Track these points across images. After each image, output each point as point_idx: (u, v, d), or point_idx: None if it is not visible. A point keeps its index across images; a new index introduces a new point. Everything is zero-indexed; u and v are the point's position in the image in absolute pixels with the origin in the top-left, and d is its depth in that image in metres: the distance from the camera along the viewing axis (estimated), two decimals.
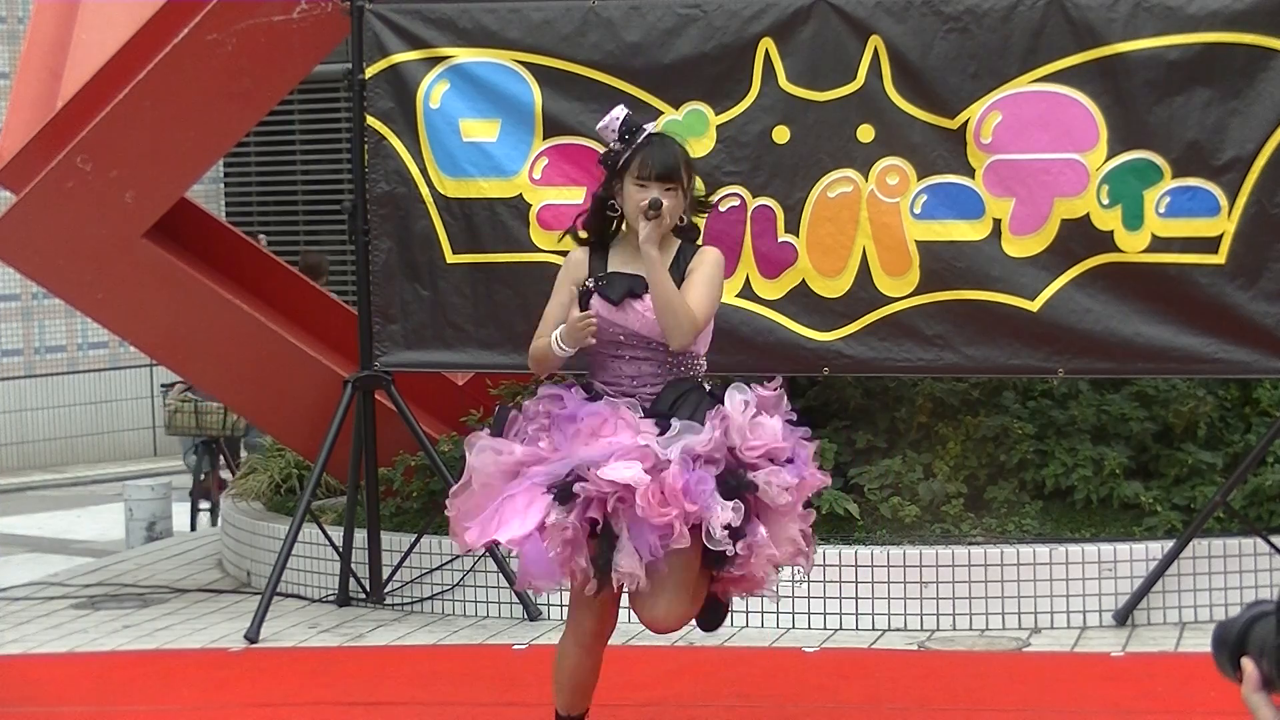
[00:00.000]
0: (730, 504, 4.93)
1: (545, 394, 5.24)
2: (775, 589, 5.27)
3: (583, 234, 5.34)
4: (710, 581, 5.13)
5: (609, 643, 5.39)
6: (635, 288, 5.16)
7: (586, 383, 5.26)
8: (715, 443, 5.00)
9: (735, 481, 4.99)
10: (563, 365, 5.43)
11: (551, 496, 4.97)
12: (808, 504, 5.23)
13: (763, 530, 5.02)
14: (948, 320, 7.37)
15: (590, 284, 5.22)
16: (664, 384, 5.16)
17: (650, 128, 5.27)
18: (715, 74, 7.47)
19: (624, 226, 5.28)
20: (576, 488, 4.93)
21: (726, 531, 4.92)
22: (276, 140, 17.74)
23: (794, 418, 5.20)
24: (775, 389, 5.18)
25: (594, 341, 5.13)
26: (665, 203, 5.12)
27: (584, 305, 5.20)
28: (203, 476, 11.50)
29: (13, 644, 7.69)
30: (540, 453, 5.09)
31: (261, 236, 13.00)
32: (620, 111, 5.28)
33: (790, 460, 5.11)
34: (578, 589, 5.11)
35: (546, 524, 4.96)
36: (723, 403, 5.12)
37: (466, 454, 5.23)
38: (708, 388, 5.23)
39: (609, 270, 5.25)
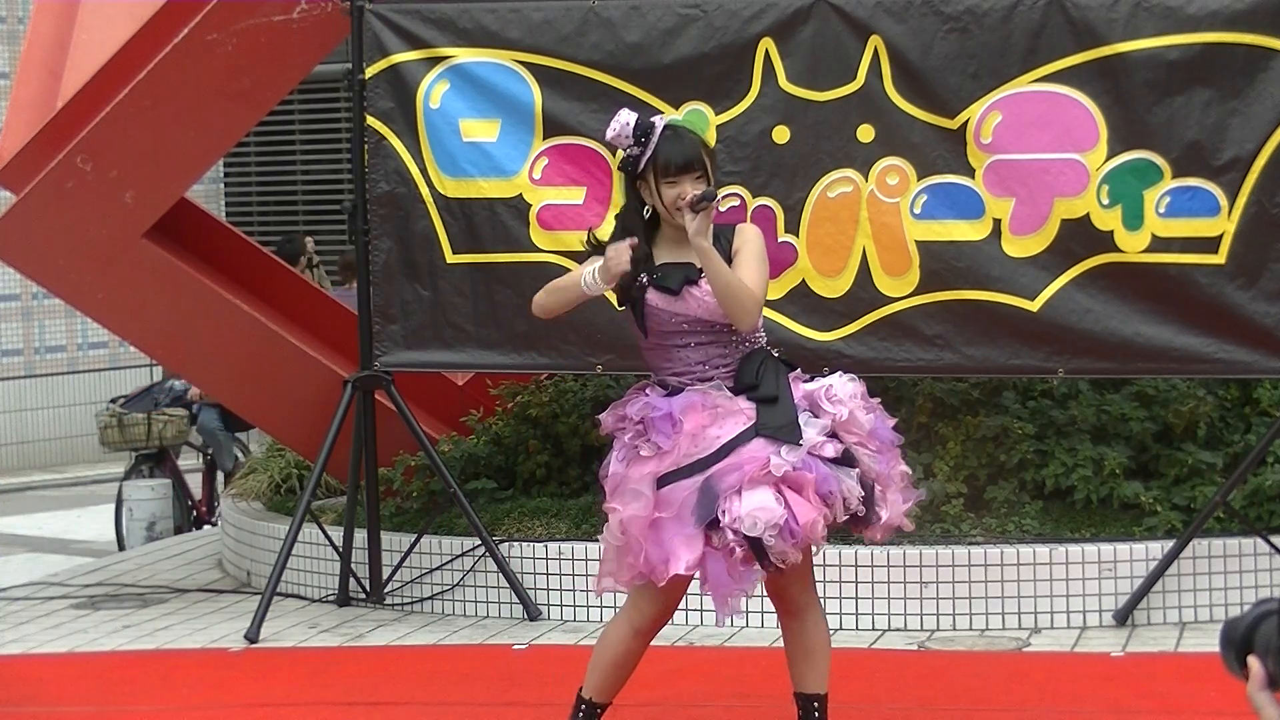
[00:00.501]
0: (854, 473, 5.13)
1: (627, 399, 5.28)
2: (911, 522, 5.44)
3: (600, 239, 5.43)
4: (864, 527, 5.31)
5: None
6: (690, 275, 5.23)
7: (659, 380, 5.31)
8: (827, 425, 5.16)
9: (847, 456, 5.16)
10: (573, 307, 5.49)
11: (702, 527, 5.06)
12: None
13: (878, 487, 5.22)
14: (948, 320, 7.37)
15: (644, 280, 5.27)
16: (733, 362, 5.25)
17: (660, 123, 5.30)
18: (715, 74, 7.47)
19: (661, 225, 5.32)
20: (724, 523, 5.02)
21: (859, 496, 5.13)
22: (276, 140, 17.74)
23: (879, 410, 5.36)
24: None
25: (626, 269, 5.18)
26: (712, 190, 5.19)
27: (639, 302, 5.28)
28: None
29: (13, 644, 7.69)
30: (650, 464, 5.13)
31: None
32: (628, 116, 5.29)
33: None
34: (646, 582, 5.15)
35: (715, 547, 5.07)
36: (793, 368, 5.31)
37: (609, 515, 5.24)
38: (775, 353, 5.35)
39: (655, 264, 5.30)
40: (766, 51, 7.42)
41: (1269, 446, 7.43)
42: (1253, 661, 2.40)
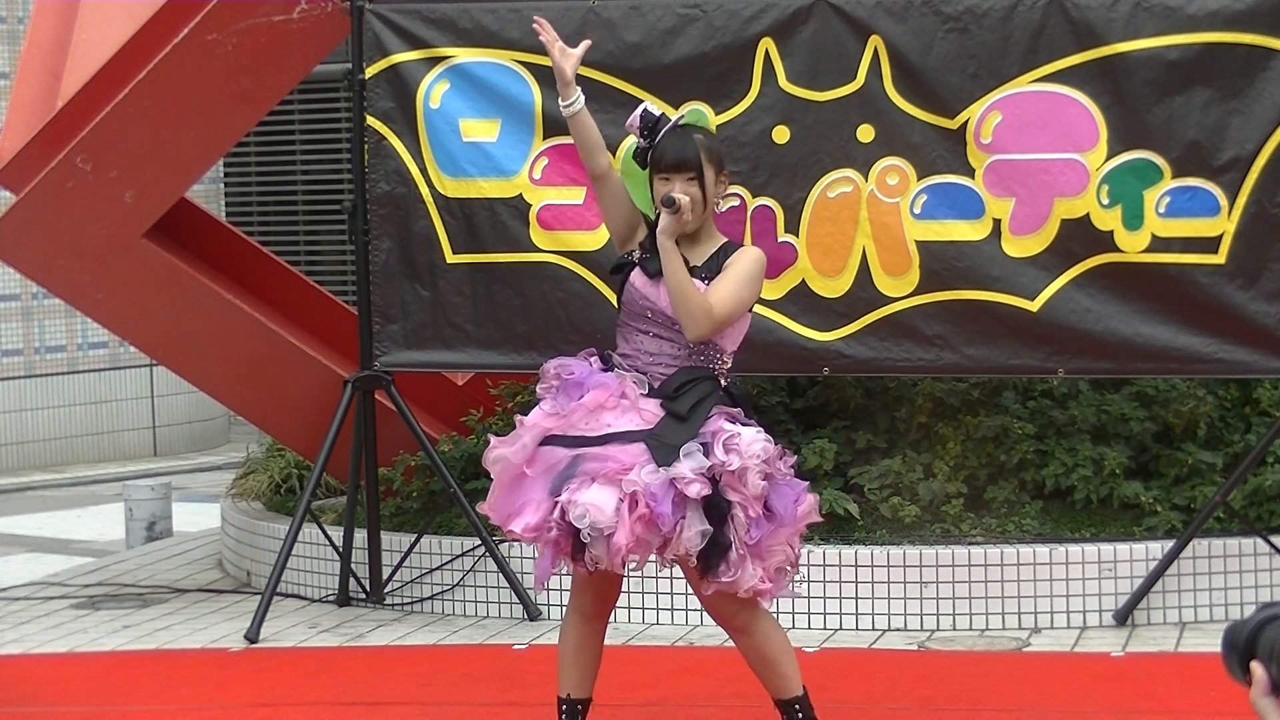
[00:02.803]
0: (702, 526, 5.02)
1: (559, 360, 5.34)
2: (788, 590, 5.34)
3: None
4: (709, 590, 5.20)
5: (610, 643, 5.41)
6: None
7: (605, 354, 5.34)
8: (712, 468, 5.05)
9: (715, 506, 5.05)
10: (578, 137, 5.48)
11: (552, 500, 5.09)
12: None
13: (735, 549, 5.07)
14: (948, 320, 7.37)
15: (634, 256, 5.33)
16: (676, 368, 5.24)
17: (671, 119, 5.34)
18: (715, 74, 7.47)
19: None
20: (561, 499, 5.04)
21: (699, 548, 5.03)
22: (276, 140, 17.73)
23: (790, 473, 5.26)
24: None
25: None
26: (683, 199, 5.18)
27: (625, 275, 5.33)
28: None
29: (13, 644, 7.69)
30: (544, 422, 5.18)
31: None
32: (644, 108, 5.37)
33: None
34: (577, 570, 5.22)
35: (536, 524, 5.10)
36: (736, 404, 5.22)
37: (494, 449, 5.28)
38: (723, 383, 5.28)
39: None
40: (766, 51, 7.42)
41: (1269, 446, 7.43)
42: (1255, 667, 2.39)
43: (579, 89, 5.43)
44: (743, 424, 5.17)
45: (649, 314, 5.27)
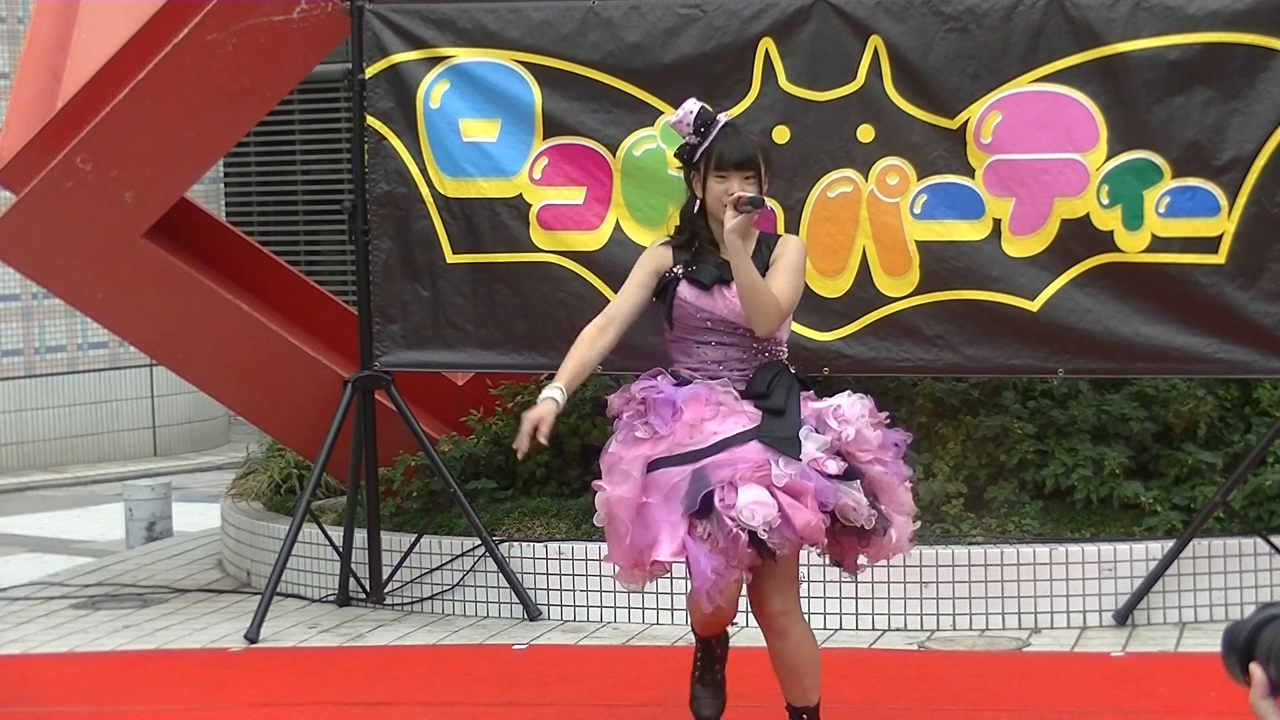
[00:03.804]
0: (855, 484, 5.08)
1: (642, 384, 5.28)
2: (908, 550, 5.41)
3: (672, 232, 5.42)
4: (852, 553, 5.27)
5: (610, 643, 5.42)
6: (725, 274, 5.24)
7: (673, 371, 5.32)
8: (831, 443, 5.12)
9: (853, 476, 5.12)
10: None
11: (689, 515, 5.03)
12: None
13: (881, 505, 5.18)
14: (948, 320, 7.37)
15: (679, 271, 5.31)
16: (749, 369, 5.26)
17: (723, 118, 5.33)
18: (715, 74, 7.47)
19: (709, 220, 5.33)
20: (719, 509, 4.99)
21: (865, 508, 5.08)
22: (276, 140, 17.73)
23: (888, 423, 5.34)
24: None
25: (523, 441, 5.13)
26: (748, 195, 5.19)
27: (670, 292, 5.29)
28: None
29: (13, 644, 7.69)
30: (643, 447, 5.13)
31: None
32: (693, 105, 5.34)
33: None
34: (696, 593, 5.14)
35: (696, 535, 5.03)
36: (806, 387, 5.30)
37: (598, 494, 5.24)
38: (792, 370, 5.33)
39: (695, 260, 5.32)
40: (766, 51, 7.42)
41: (1269, 446, 7.43)
42: (1254, 668, 2.38)
43: (556, 401, 5.21)
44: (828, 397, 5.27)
45: (709, 324, 5.28)
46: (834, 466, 5.07)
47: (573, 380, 5.26)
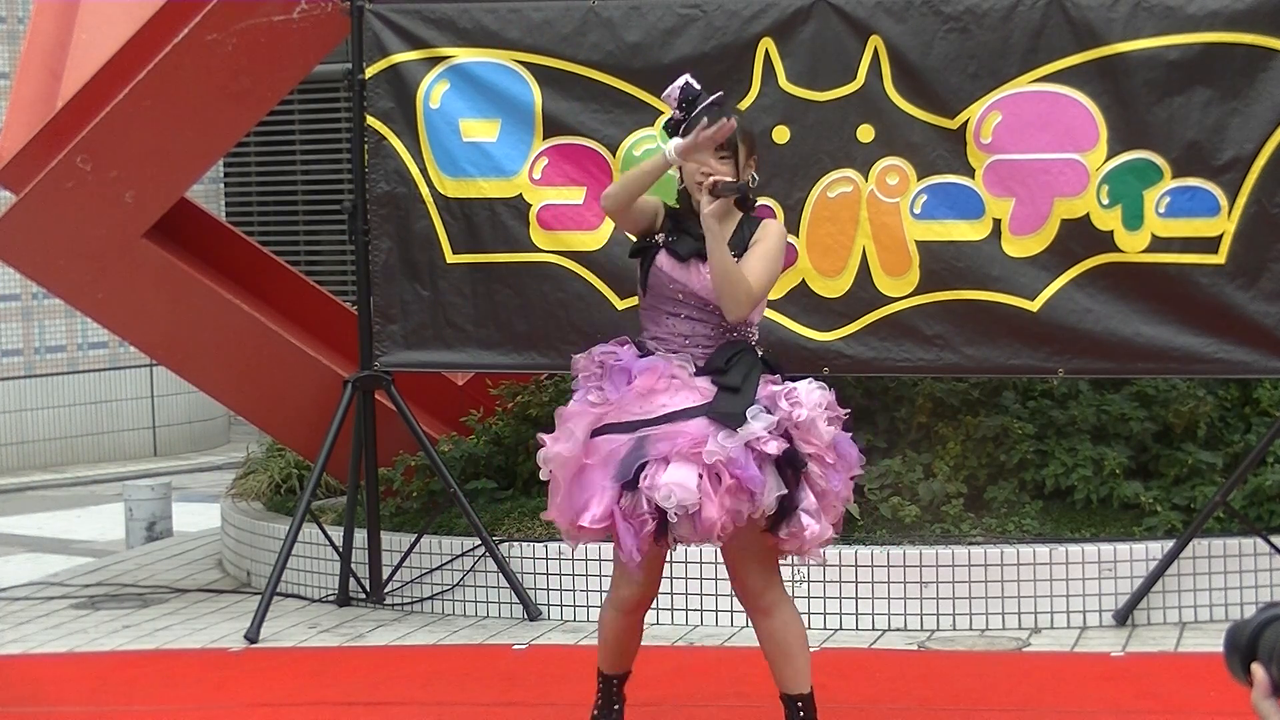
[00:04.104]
0: (779, 488, 5.06)
1: (602, 347, 5.34)
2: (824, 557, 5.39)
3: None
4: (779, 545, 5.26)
5: None
6: (703, 249, 5.24)
7: (639, 341, 5.35)
8: (780, 423, 5.10)
9: (792, 461, 5.10)
10: (648, 187, 5.29)
11: (618, 485, 5.07)
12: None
13: (812, 499, 5.14)
14: (948, 320, 7.37)
15: (660, 239, 5.33)
16: (715, 346, 5.27)
17: (711, 96, 5.36)
18: (715, 74, 7.45)
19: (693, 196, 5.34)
20: (642, 486, 5.02)
21: (770, 512, 5.07)
22: (276, 140, 17.73)
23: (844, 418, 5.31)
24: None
25: (718, 141, 5.18)
26: (730, 182, 5.20)
27: (649, 259, 5.31)
28: None
29: (13, 644, 7.69)
30: (593, 410, 5.17)
31: None
32: (685, 80, 5.40)
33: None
34: (621, 561, 5.20)
35: (621, 508, 5.06)
36: (774, 371, 5.28)
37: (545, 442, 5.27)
38: (760, 352, 5.34)
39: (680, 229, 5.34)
40: (766, 51, 7.42)
41: (1269, 446, 7.43)
42: (1256, 668, 2.38)
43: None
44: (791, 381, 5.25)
45: (680, 296, 5.29)
46: (774, 447, 5.04)
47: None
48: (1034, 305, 7.30)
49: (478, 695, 6.55)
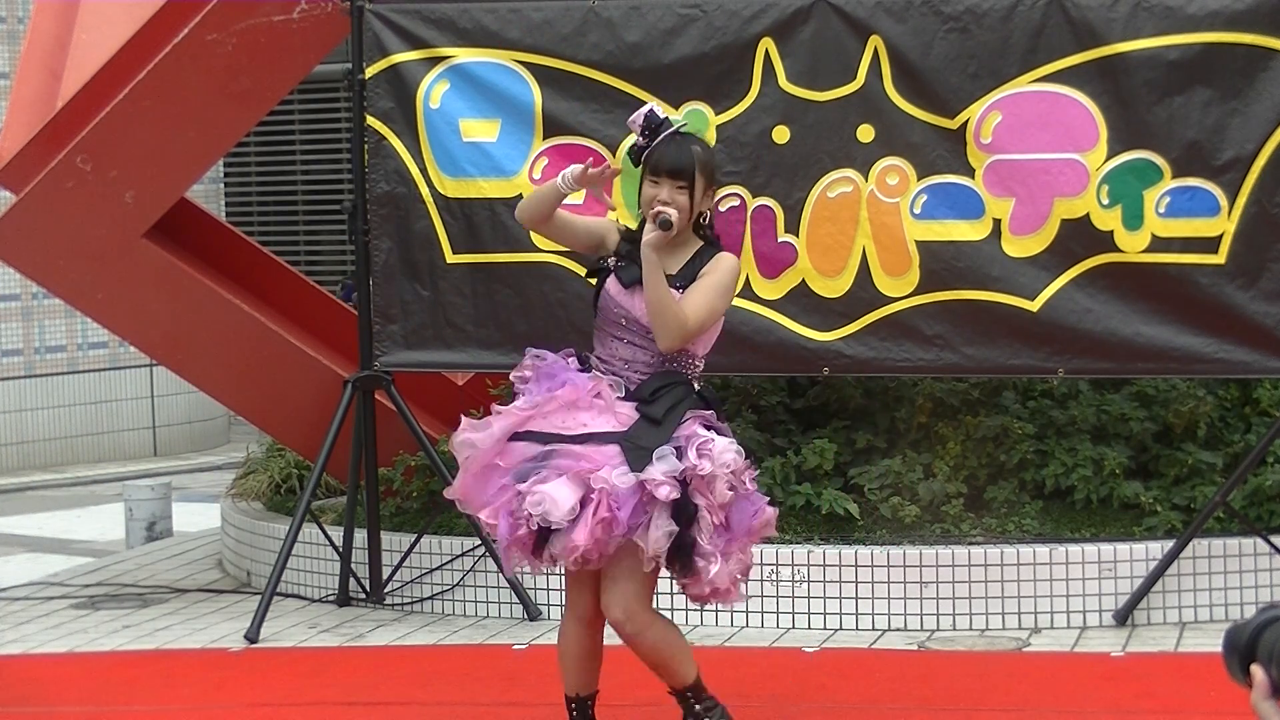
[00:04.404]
0: (669, 527, 5.04)
1: (535, 350, 5.41)
2: (741, 601, 5.36)
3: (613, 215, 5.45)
4: (683, 588, 5.27)
5: (610, 643, 5.41)
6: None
7: (583, 355, 5.39)
8: (684, 472, 5.07)
9: (683, 510, 5.07)
10: (550, 210, 5.40)
11: (514, 487, 5.15)
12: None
13: (707, 545, 5.10)
14: (948, 320, 7.37)
15: (610, 262, 5.35)
16: (651, 375, 5.26)
17: (672, 124, 5.34)
18: (715, 74, 7.47)
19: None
20: (524, 488, 5.10)
21: (662, 554, 5.06)
22: (276, 140, 17.73)
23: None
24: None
25: (606, 178, 5.32)
26: (671, 213, 5.18)
27: (600, 281, 5.36)
28: None
29: (13, 644, 7.69)
30: (518, 414, 5.25)
31: None
32: (649, 108, 5.39)
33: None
34: (571, 570, 5.23)
35: (513, 511, 5.14)
36: (709, 407, 5.25)
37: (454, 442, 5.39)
38: (696, 387, 5.31)
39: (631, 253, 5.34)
40: (766, 51, 7.42)
41: (1269, 446, 7.43)
42: (1256, 670, 2.38)
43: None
44: (716, 429, 5.21)
45: (623, 321, 5.30)
46: (664, 493, 5.02)
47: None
48: (1034, 305, 7.30)
49: (478, 695, 6.55)
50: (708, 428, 5.19)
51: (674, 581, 5.31)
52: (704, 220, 5.37)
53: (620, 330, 5.31)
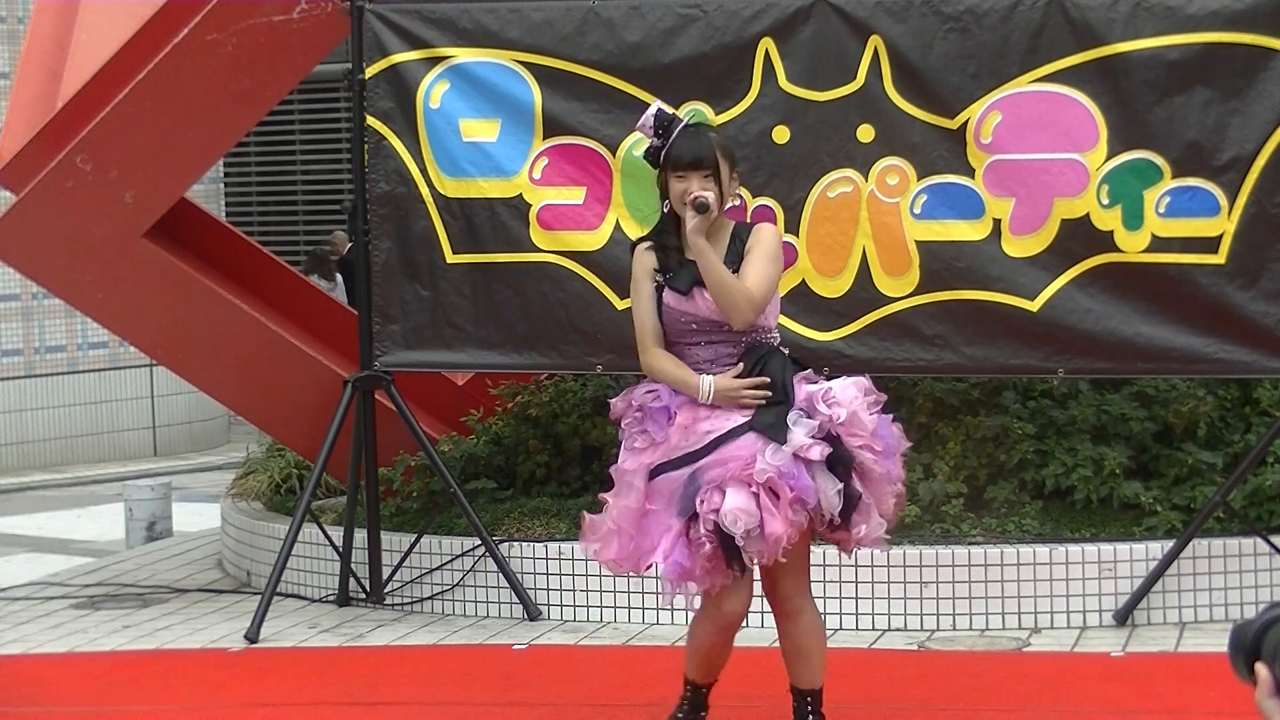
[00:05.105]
0: (836, 485, 5.13)
1: (639, 388, 5.38)
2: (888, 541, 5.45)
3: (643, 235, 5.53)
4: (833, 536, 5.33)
5: (610, 643, 5.43)
6: (699, 276, 5.28)
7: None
8: (821, 428, 5.15)
9: (840, 460, 5.15)
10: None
11: (683, 520, 5.12)
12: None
13: (865, 493, 5.21)
14: (948, 320, 7.37)
15: (659, 280, 5.37)
16: (740, 360, 5.31)
17: (682, 119, 5.38)
18: (715, 74, 7.47)
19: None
20: (700, 511, 5.08)
21: (838, 509, 5.13)
22: (276, 140, 17.75)
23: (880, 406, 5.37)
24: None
25: (756, 403, 5.25)
26: (710, 196, 5.23)
27: (657, 300, 5.36)
28: None
29: (13, 644, 7.69)
30: (644, 459, 5.24)
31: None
32: (655, 107, 5.44)
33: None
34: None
35: (690, 538, 5.12)
36: (803, 368, 5.36)
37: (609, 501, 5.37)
38: (786, 352, 5.39)
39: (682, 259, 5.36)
40: (766, 51, 7.42)
41: (1269, 446, 7.43)
42: (1260, 668, 2.37)
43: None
44: (812, 381, 5.30)
45: (694, 326, 5.34)
46: (817, 453, 5.10)
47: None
48: (1034, 305, 7.30)
49: (478, 695, 6.55)
50: (814, 382, 5.29)
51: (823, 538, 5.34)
52: (733, 202, 5.41)
53: (693, 336, 5.34)
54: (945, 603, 7.38)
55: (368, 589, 8.01)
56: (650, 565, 5.24)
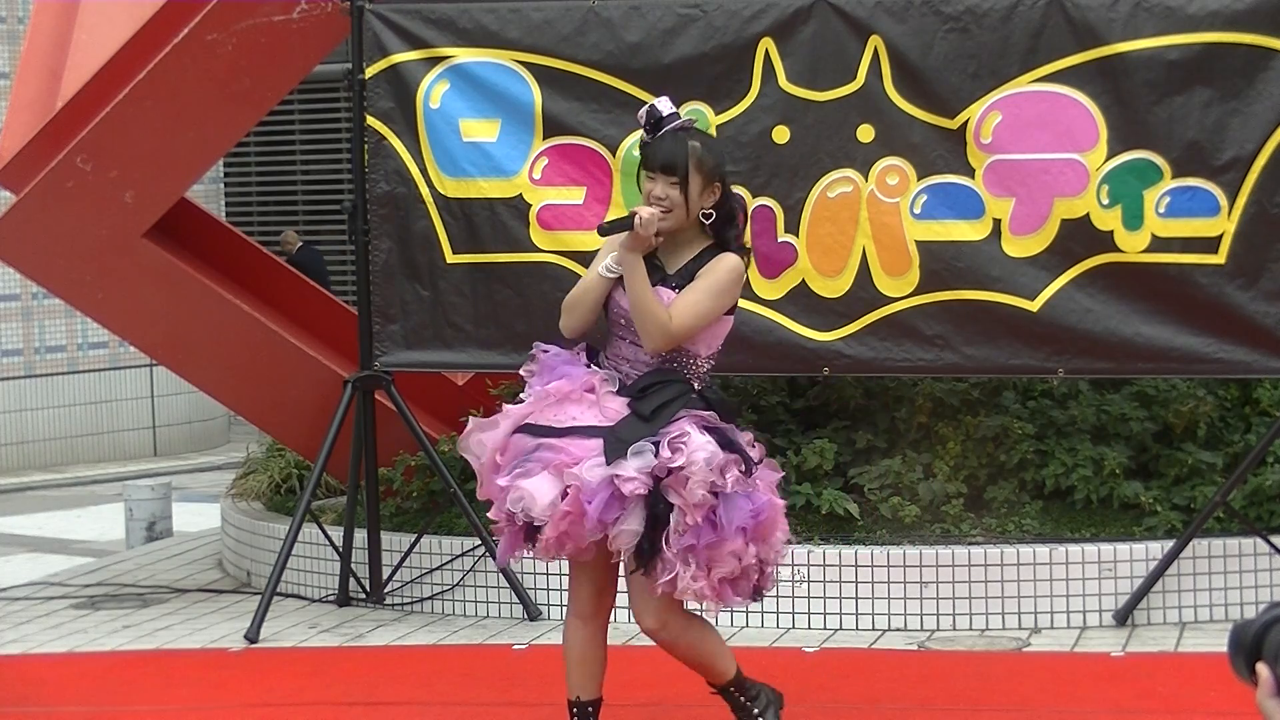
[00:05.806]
0: (637, 527, 5.01)
1: (541, 345, 5.40)
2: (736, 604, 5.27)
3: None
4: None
5: (610, 643, 5.42)
6: (651, 277, 5.20)
7: (595, 349, 5.38)
8: (658, 467, 5.02)
9: (653, 508, 5.02)
10: (600, 300, 5.30)
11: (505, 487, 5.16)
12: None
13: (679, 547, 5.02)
14: (948, 320, 7.37)
15: (613, 265, 5.31)
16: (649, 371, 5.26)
17: (675, 122, 5.28)
18: (715, 74, 7.47)
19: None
20: (504, 481, 5.14)
21: (632, 550, 5.03)
22: (276, 140, 17.74)
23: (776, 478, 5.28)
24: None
25: (656, 241, 5.18)
26: (646, 213, 5.13)
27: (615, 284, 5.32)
28: None
29: (13, 644, 7.69)
30: (520, 410, 5.27)
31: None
32: (654, 101, 5.37)
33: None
34: (573, 563, 5.26)
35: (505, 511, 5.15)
36: (706, 406, 5.17)
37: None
38: (697, 387, 5.23)
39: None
40: (766, 51, 7.42)
41: (1269, 446, 7.43)
42: (1261, 668, 2.37)
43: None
44: (717, 430, 5.12)
45: (623, 320, 5.27)
46: (630, 488, 4.98)
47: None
48: (1034, 305, 7.30)
49: (478, 695, 6.55)
50: (706, 429, 5.11)
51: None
52: (710, 217, 5.26)
53: (621, 330, 5.29)
54: (945, 603, 7.38)
55: (368, 589, 8.01)
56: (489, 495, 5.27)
